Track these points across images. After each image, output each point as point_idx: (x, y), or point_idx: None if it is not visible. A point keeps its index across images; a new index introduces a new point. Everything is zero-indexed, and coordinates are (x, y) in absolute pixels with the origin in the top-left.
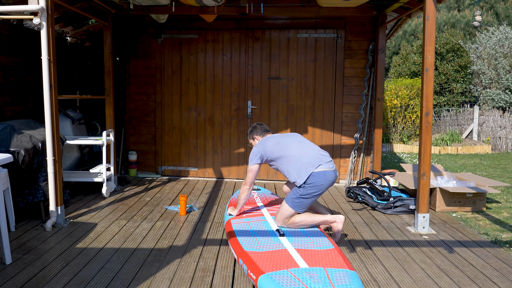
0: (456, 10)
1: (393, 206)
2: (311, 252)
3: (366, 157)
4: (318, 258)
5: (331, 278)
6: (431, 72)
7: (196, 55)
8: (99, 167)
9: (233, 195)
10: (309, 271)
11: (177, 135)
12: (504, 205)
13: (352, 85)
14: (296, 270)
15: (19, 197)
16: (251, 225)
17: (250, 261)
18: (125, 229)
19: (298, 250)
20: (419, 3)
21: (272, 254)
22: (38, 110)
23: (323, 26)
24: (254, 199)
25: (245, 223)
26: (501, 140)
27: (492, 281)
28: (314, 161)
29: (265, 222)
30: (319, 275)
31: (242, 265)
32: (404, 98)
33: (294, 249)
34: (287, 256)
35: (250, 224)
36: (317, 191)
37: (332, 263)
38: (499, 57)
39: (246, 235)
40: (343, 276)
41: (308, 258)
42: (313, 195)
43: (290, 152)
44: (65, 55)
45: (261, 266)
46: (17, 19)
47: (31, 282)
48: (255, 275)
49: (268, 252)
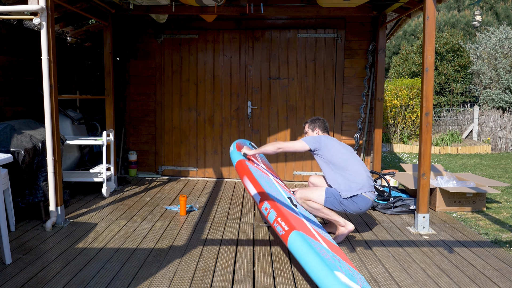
0: (456, 10)
1: (393, 206)
2: (324, 237)
3: (366, 157)
4: (331, 246)
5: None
6: (431, 72)
7: (196, 55)
8: (99, 167)
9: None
10: (329, 253)
11: (177, 135)
12: (504, 205)
13: (352, 85)
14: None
15: (19, 197)
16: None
17: (279, 210)
18: (125, 229)
19: (313, 228)
20: (419, 3)
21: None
22: (38, 110)
23: (323, 26)
24: (257, 157)
25: (260, 171)
26: (501, 140)
27: (492, 281)
28: (365, 184)
29: (275, 185)
30: (339, 264)
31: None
32: (404, 98)
33: (310, 226)
34: (307, 227)
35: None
36: (354, 209)
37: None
38: (499, 57)
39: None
40: (356, 273)
41: (324, 240)
42: (349, 209)
43: (347, 165)
44: (65, 55)
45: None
46: (17, 19)
47: (31, 282)
48: (288, 227)
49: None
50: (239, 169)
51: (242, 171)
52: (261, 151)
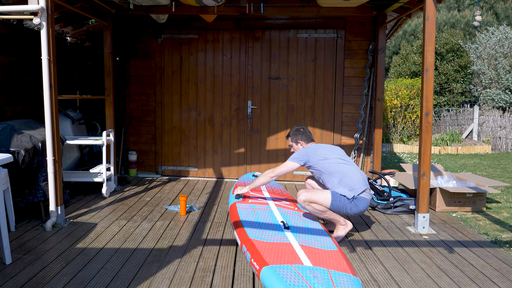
0: (456, 10)
1: (393, 206)
2: (315, 251)
3: (366, 157)
4: (322, 258)
5: (335, 281)
6: (431, 72)
7: (196, 55)
8: (99, 167)
9: (239, 179)
10: (313, 270)
11: (177, 135)
12: (504, 205)
13: (352, 85)
14: (300, 267)
15: (19, 197)
16: (256, 212)
17: (254, 250)
18: (125, 229)
19: (302, 247)
20: (419, 3)
21: (276, 246)
22: (38, 110)
23: (323, 26)
24: (261, 188)
25: (250, 209)
26: (501, 140)
27: (492, 281)
28: (361, 185)
29: (270, 212)
30: (323, 276)
31: (245, 253)
32: (404, 98)
33: (298, 245)
34: (291, 251)
35: (255, 211)
36: (355, 211)
37: (335, 265)
38: (499, 57)
39: (251, 221)
40: (346, 281)
41: (312, 256)
42: (351, 211)
43: (340, 169)
44: (65, 55)
45: (265, 257)
46: (17, 19)
47: (31, 282)
48: (258, 266)
49: (272, 243)
50: (230, 216)
51: (232, 217)
52: (254, 186)
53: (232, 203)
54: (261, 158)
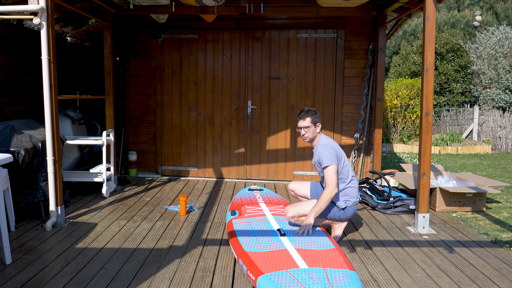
0: (456, 10)
1: (393, 206)
2: (312, 252)
3: (366, 157)
4: (318, 258)
5: (330, 278)
6: (431, 72)
7: (196, 55)
8: (99, 167)
9: (235, 196)
10: (308, 271)
11: (177, 135)
12: (504, 205)
13: (352, 85)
14: (295, 271)
15: (19, 197)
16: (252, 225)
17: (249, 262)
18: (125, 229)
19: (298, 250)
20: (419, 3)
21: (272, 254)
22: (38, 110)
23: (323, 26)
24: (256, 199)
25: (246, 223)
26: (501, 140)
27: (492, 281)
28: (357, 198)
29: (267, 222)
30: (318, 276)
31: (242, 266)
32: (404, 98)
33: (294, 249)
34: (287, 256)
35: (252, 224)
36: (343, 218)
37: (332, 263)
38: (499, 57)
39: (247, 235)
40: (342, 276)
41: (308, 258)
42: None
43: (348, 178)
44: (65, 55)
45: (261, 266)
46: (17, 19)
47: (31, 282)
48: (254, 276)
49: (268, 252)
50: (227, 233)
51: (229, 234)
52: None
53: (229, 220)
54: (261, 158)
